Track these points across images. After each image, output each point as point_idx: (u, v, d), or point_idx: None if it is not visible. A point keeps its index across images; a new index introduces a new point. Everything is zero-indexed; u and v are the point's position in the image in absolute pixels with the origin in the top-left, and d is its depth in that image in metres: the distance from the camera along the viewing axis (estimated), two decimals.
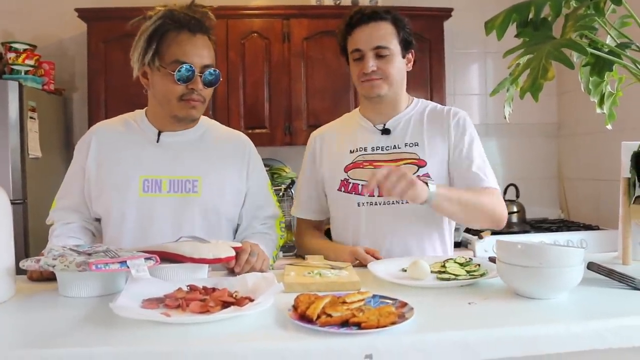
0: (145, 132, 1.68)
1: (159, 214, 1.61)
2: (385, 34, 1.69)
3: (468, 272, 1.35)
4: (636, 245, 1.49)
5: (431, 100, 3.53)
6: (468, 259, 1.44)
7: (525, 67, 1.26)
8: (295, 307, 1.04)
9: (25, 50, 3.19)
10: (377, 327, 0.94)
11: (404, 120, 1.79)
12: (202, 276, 1.35)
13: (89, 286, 1.24)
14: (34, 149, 3.05)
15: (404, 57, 1.75)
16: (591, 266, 1.29)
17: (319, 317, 0.99)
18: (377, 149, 1.76)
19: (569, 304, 1.14)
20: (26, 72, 3.14)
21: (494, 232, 2.55)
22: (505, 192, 3.76)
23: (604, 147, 3.36)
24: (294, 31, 3.35)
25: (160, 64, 1.55)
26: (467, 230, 3.25)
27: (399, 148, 1.75)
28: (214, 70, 1.57)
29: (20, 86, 2.93)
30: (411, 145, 1.74)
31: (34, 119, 3.04)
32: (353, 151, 1.78)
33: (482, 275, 1.34)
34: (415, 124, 1.77)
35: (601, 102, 1.51)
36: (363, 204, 1.72)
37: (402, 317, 1.00)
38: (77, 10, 3.28)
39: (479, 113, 3.92)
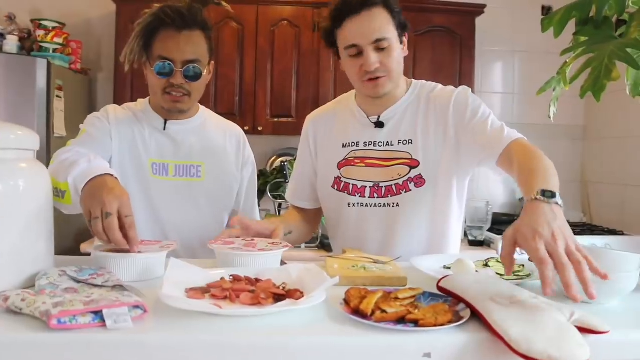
0: (151, 120, 1.78)
1: (167, 195, 1.74)
2: (382, 24, 1.51)
3: (513, 272, 1.32)
4: None
5: None
6: None
7: (585, 66, 1.23)
8: (346, 301, 1.02)
9: (54, 28, 3.19)
10: (435, 326, 0.92)
11: (400, 111, 1.66)
12: (275, 265, 1.33)
13: (128, 271, 1.21)
14: (59, 128, 3.05)
15: (401, 42, 1.59)
16: None
17: (373, 312, 0.96)
18: (369, 144, 1.66)
19: (622, 311, 1.11)
20: (54, 50, 3.14)
21: None
22: None
23: (632, 152, 3.31)
24: None
25: (148, 59, 1.67)
26: (490, 230, 3.22)
27: (392, 145, 1.64)
28: (194, 66, 1.64)
29: (49, 64, 2.92)
30: (405, 142, 1.63)
31: (60, 97, 3.04)
32: (346, 145, 1.69)
33: (527, 276, 1.31)
34: (410, 117, 1.65)
35: None
36: (354, 204, 1.65)
37: (457, 316, 0.98)
38: None
39: (505, 112, 3.88)
